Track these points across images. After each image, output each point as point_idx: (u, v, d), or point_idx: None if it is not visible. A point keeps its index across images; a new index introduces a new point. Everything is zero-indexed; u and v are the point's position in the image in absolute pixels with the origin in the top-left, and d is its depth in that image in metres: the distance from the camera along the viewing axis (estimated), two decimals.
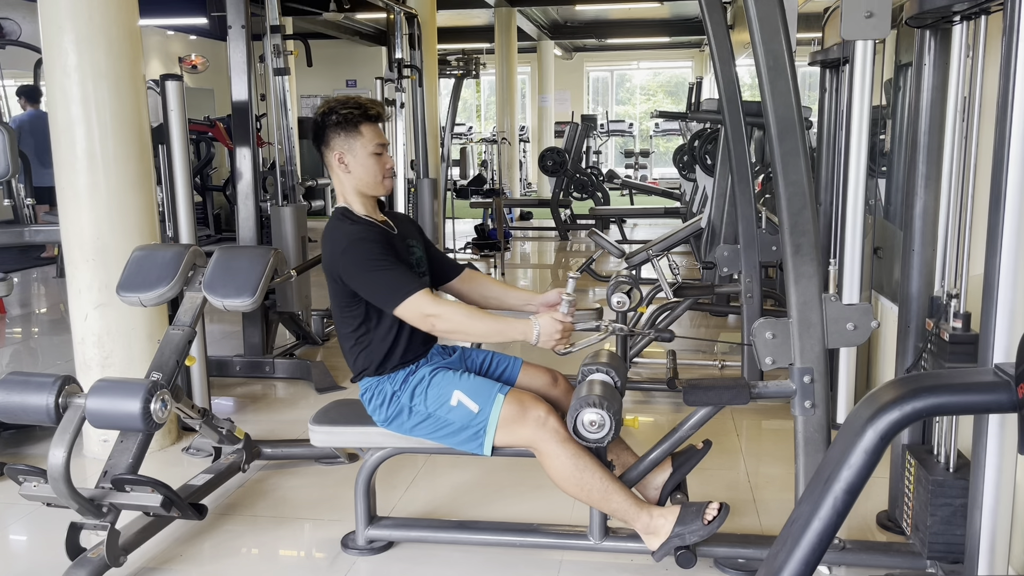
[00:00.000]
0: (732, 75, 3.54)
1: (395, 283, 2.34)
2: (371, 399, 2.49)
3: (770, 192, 6.08)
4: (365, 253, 2.36)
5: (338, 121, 2.47)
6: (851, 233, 2.93)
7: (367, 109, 2.49)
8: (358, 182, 2.50)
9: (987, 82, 2.16)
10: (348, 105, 2.48)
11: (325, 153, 2.52)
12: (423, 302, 2.32)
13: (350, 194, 2.53)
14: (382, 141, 2.52)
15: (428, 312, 2.32)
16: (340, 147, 2.48)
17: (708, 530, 2.31)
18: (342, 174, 2.51)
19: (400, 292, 2.33)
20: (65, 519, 2.47)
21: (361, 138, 2.47)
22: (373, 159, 2.49)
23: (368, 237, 2.40)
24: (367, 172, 2.49)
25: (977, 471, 1.88)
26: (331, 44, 13.99)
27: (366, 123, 2.48)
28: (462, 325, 2.35)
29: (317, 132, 2.51)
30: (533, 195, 15.02)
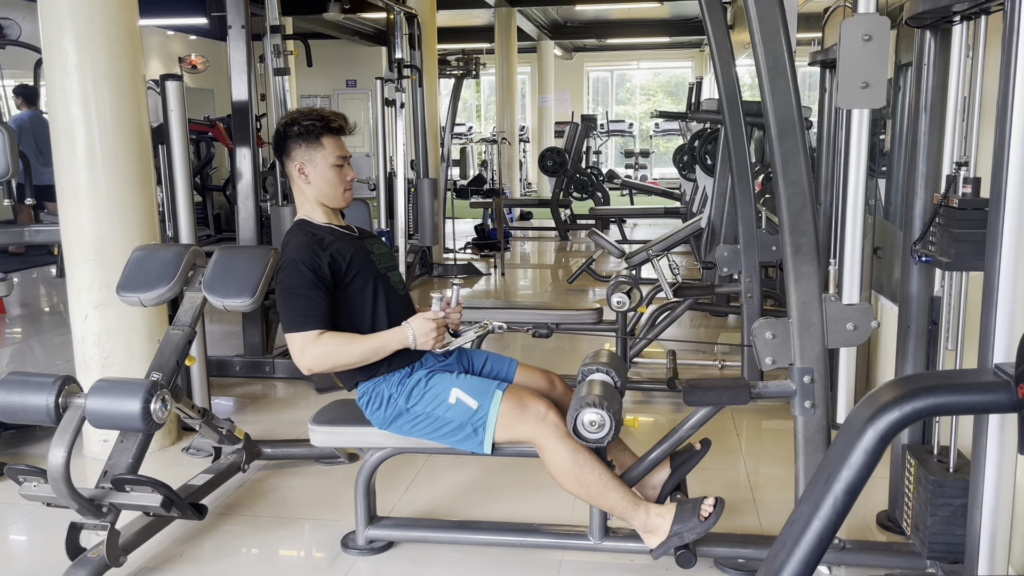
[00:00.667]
0: (732, 75, 3.54)
1: (298, 312, 2.37)
2: (368, 403, 2.49)
3: (770, 192, 6.08)
4: (291, 276, 2.40)
5: (300, 132, 2.49)
6: (851, 233, 2.93)
7: (329, 121, 2.51)
8: (318, 193, 2.53)
9: (987, 82, 2.16)
10: (311, 117, 2.51)
11: (286, 163, 2.54)
12: (307, 338, 2.35)
13: (311, 204, 2.56)
14: (343, 153, 2.54)
15: (305, 346, 2.35)
16: (300, 158, 2.50)
17: (705, 526, 2.31)
18: (302, 184, 2.53)
19: (296, 322, 2.36)
20: (65, 519, 2.47)
21: (322, 150, 2.50)
22: (334, 171, 2.52)
23: (303, 260, 2.40)
24: (327, 184, 2.52)
25: (977, 471, 1.88)
26: (331, 44, 14.00)
27: (328, 135, 2.51)
28: (337, 352, 2.37)
29: (278, 142, 2.54)
30: (533, 195, 15.03)
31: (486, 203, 9.66)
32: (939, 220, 2.29)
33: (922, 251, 2.38)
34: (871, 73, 1.97)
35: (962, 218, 2.16)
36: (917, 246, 2.41)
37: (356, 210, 4.91)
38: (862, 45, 1.97)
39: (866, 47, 1.97)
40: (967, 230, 2.14)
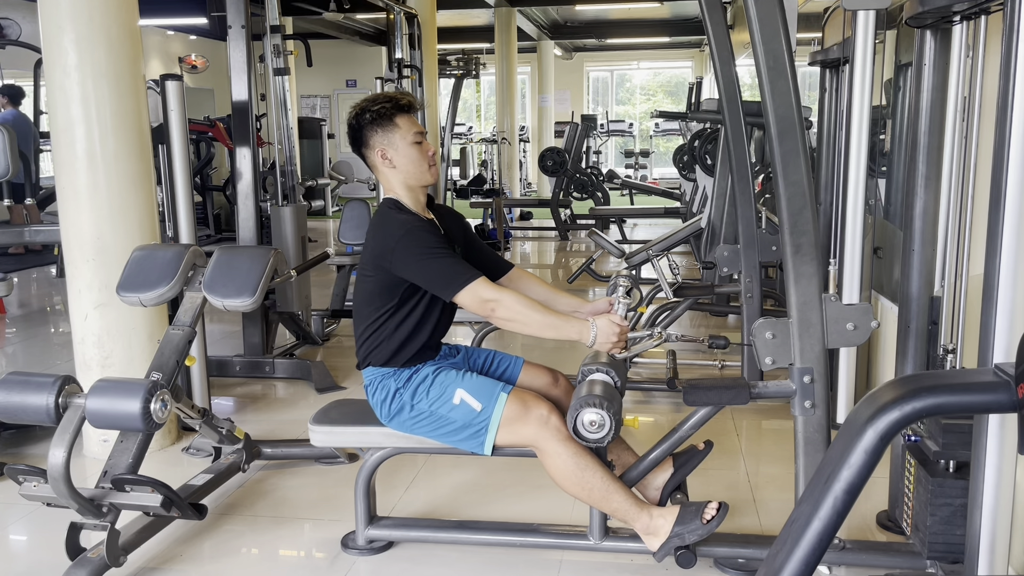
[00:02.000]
0: (732, 75, 3.54)
1: (454, 270, 2.34)
2: (374, 392, 2.49)
3: (770, 192, 6.08)
4: (422, 240, 2.36)
5: (373, 119, 2.45)
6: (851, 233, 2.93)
7: (398, 100, 2.48)
8: (405, 175, 2.49)
9: (987, 82, 2.16)
10: (379, 101, 2.47)
11: (367, 154, 2.50)
12: (483, 288, 2.32)
13: (398, 189, 2.51)
14: (420, 130, 2.51)
15: (487, 298, 2.31)
16: (380, 144, 2.47)
17: (707, 529, 2.31)
18: (387, 170, 2.49)
19: (460, 279, 2.33)
20: (65, 519, 2.47)
21: (399, 130, 2.46)
22: (415, 148, 2.47)
23: (423, 227, 2.40)
24: (411, 163, 2.47)
25: (977, 471, 1.88)
26: (331, 44, 14.00)
27: (400, 115, 2.47)
28: (520, 314, 2.32)
29: (355, 135, 2.50)
30: (533, 195, 15.02)
31: (486, 203, 9.66)
32: None
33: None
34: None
35: None
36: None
37: (356, 210, 4.93)
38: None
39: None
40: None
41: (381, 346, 2.46)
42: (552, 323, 2.34)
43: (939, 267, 2.47)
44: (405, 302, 2.45)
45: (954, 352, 2.37)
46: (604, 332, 2.33)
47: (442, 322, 2.54)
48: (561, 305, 2.61)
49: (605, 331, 2.33)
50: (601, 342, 2.34)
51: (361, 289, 2.51)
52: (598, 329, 2.33)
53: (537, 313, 2.33)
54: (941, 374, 1.95)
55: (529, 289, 2.64)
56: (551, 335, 2.36)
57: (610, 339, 2.34)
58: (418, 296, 2.46)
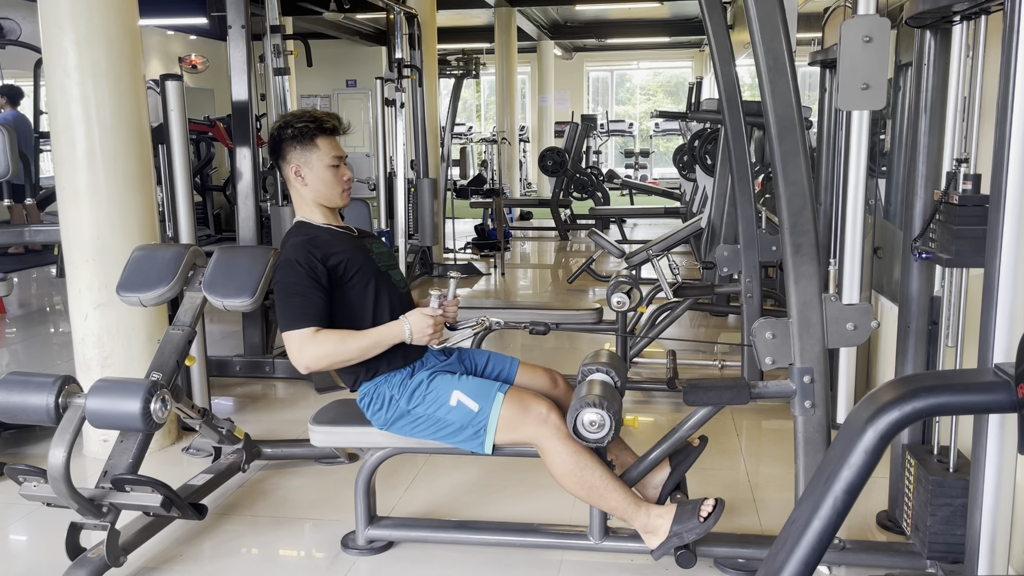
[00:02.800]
0: (732, 75, 3.54)
1: (294, 310, 2.36)
2: (369, 404, 2.49)
3: (770, 192, 6.08)
4: (286, 275, 2.40)
5: (294, 135, 2.49)
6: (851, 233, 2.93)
7: (322, 122, 2.51)
8: (316, 194, 2.53)
9: (987, 82, 2.16)
10: (304, 119, 2.50)
11: (282, 167, 2.54)
12: (304, 335, 2.34)
13: (309, 206, 2.56)
14: (339, 153, 2.54)
15: (302, 344, 2.34)
16: (296, 160, 2.50)
17: (704, 527, 2.31)
18: (300, 187, 2.54)
19: (292, 320, 2.36)
20: (65, 519, 2.47)
21: (317, 151, 2.50)
22: (330, 171, 2.52)
23: (297, 259, 2.39)
24: (324, 184, 2.52)
25: (977, 471, 1.88)
26: (331, 44, 14.00)
27: (322, 136, 2.50)
28: (335, 348, 2.36)
29: (273, 146, 2.54)
30: (533, 195, 15.03)
31: (486, 203, 9.65)
32: (939, 217, 2.29)
33: (922, 248, 2.38)
34: (871, 74, 1.97)
35: (962, 215, 2.16)
36: (917, 242, 2.41)
37: (356, 210, 4.92)
38: (862, 46, 1.97)
39: (866, 48, 1.97)
40: (967, 227, 2.14)
41: (364, 364, 2.47)
42: (369, 340, 2.39)
43: (939, 267, 2.47)
44: (356, 316, 2.46)
45: (954, 352, 2.38)
46: (417, 325, 2.39)
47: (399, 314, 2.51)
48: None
49: (418, 324, 2.39)
50: (417, 335, 2.39)
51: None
52: (411, 324, 2.39)
53: (351, 341, 2.38)
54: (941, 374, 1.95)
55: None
56: (376, 350, 2.41)
57: (425, 331, 2.39)
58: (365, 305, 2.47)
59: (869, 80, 1.97)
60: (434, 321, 2.40)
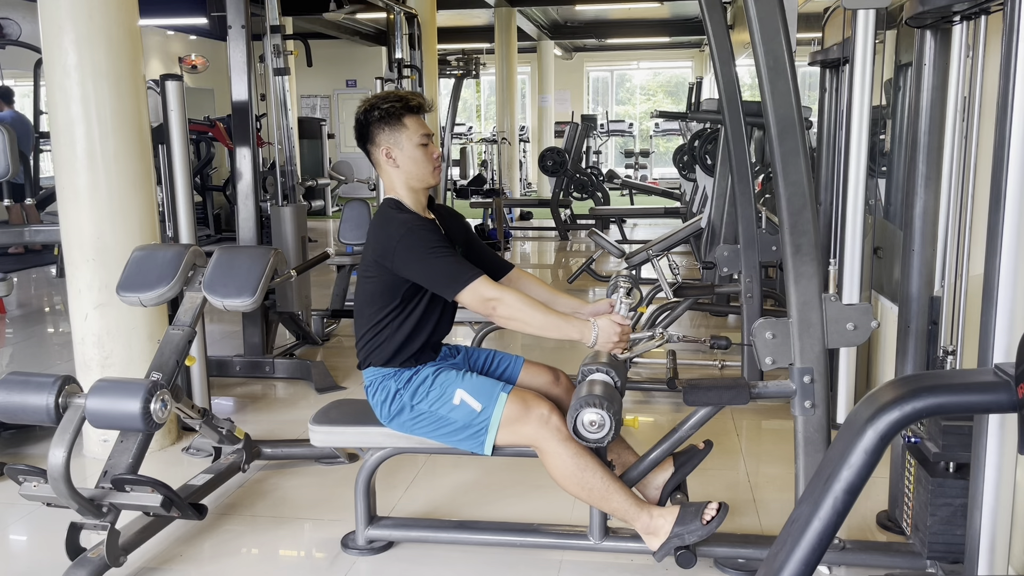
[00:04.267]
0: (732, 75, 3.54)
1: (456, 269, 2.34)
2: (375, 393, 2.49)
3: (770, 192, 6.08)
4: (424, 240, 2.36)
5: (381, 116, 2.45)
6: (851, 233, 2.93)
7: (408, 101, 2.48)
8: (408, 176, 2.49)
9: (987, 82, 2.16)
10: (389, 99, 2.47)
11: (371, 151, 2.50)
12: (484, 287, 2.32)
13: (400, 188, 2.51)
14: (427, 131, 2.50)
15: (489, 296, 2.31)
16: (386, 142, 2.47)
17: (707, 530, 2.31)
18: (391, 169, 2.49)
19: (462, 278, 2.33)
20: (65, 519, 2.47)
21: (406, 131, 2.46)
22: (420, 150, 2.47)
23: (424, 226, 2.41)
24: (416, 164, 2.47)
25: (977, 471, 1.88)
26: (331, 44, 14.00)
27: (409, 115, 2.47)
28: (522, 313, 2.32)
29: (361, 131, 2.50)
30: (533, 195, 15.02)
31: (486, 203, 9.66)
32: None
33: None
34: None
35: None
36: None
37: (355, 210, 4.93)
38: None
39: None
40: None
41: (382, 346, 2.46)
42: (554, 323, 2.34)
43: (939, 267, 2.47)
44: (407, 302, 2.45)
45: (954, 352, 2.37)
46: (606, 332, 2.33)
47: (443, 322, 2.54)
48: (561, 305, 2.60)
49: (607, 331, 2.33)
50: (603, 342, 2.34)
51: (363, 289, 2.51)
52: (599, 329, 2.33)
53: (539, 312, 2.33)
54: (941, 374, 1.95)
55: (529, 289, 2.63)
56: (553, 335, 2.36)
57: (612, 339, 2.33)
58: (420, 296, 2.46)
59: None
60: (623, 330, 2.35)
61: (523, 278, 2.71)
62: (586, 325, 2.34)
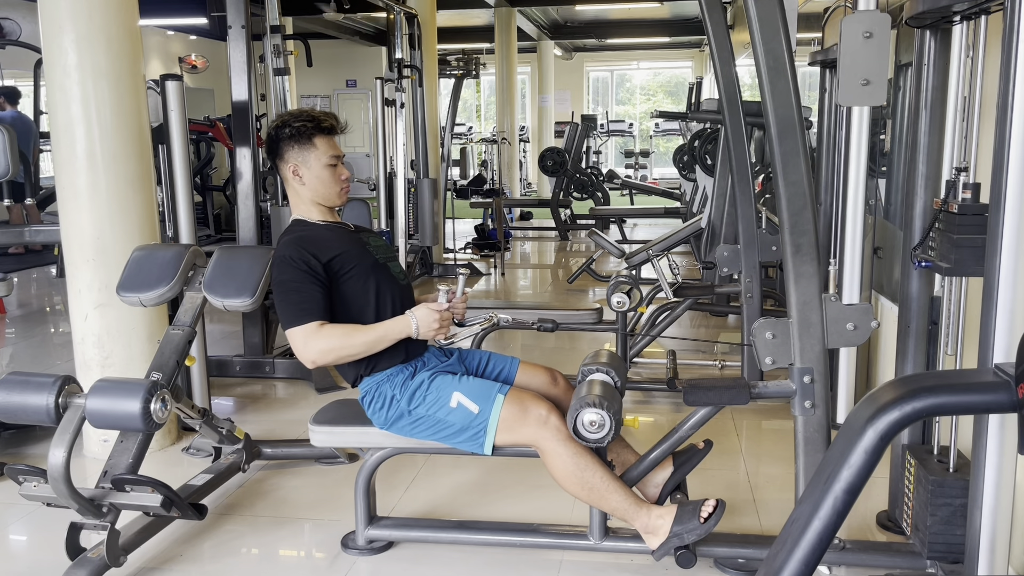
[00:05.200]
0: (732, 75, 3.54)
1: (294, 307, 2.37)
2: (371, 402, 2.49)
3: (770, 192, 6.08)
4: (282, 272, 2.41)
5: (291, 134, 2.50)
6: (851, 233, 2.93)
7: (320, 122, 2.52)
8: (314, 193, 2.54)
9: (987, 82, 2.16)
10: (301, 118, 2.51)
11: (280, 166, 2.55)
12: (308, 331, 2.35)
13: (306, 204, 2.57)
14: (336, 153, 2.55)
15: (308, 339, 2.35)
16: (294, 159, 2.51)
17: (705, 528, 2.31)
18: (297, 186, 2.54)
19: (294, 317, 2.36)
20: (65, 519, 2.47)
21: (315, 151, 2.50)
22: (328, 171, 2.52)
23: (291, 256, 2.40)
24: (322, 184, 2.52)
25: (977, 471, 1.88)
26: (331, 44, 14.00)
27: (320, 135, 2.51)
28: (339, 341, 2.37)
29: (271, 145, 2.54)
30: (533, 195, 15.03)
31: (486, 203, 9.65)
32: (939, 225, 2.29)
33: (922, 256, 2.38)
34: (872, 70, 1.97)
35: (962, 224, 2.15)
36: (917, 251, 2.41)
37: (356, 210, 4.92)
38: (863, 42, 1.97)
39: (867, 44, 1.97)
40: (967, 236, 2.14)
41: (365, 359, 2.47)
42: (374, 336, 2.39)
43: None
44: (358, 310, 2.46)
45: (954, 352, 2.38)
46: (423, 320, 2.39)
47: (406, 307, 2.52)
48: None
49: (424, 319, 2.39)
50: (424, 331, 2.39)
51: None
52: (417, 319, 2.39)
53: (358, 334, 2.38)
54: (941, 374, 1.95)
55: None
56: (381, 345, 2.40)
57: (432, 326, 2.39)
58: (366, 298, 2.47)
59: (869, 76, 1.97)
60: (440, 316, 2.41)
61: None
62: (405, 319, 2.40)
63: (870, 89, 1.98)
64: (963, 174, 2.23)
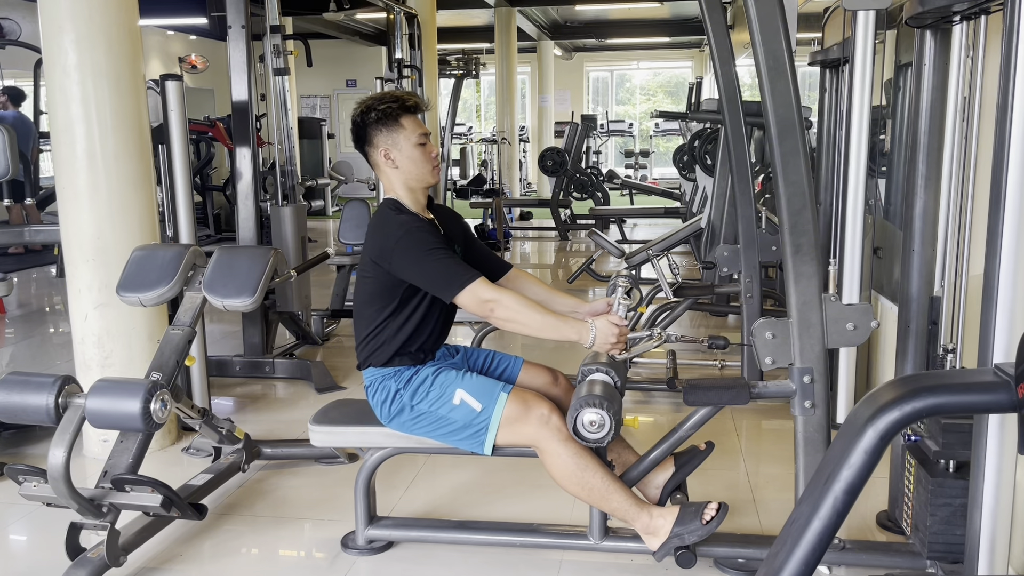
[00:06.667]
0: (732, 75, 3.54)
1: (454, 271, 2.34)
2: (375, 393, 2.49)
3: (770, 192, 6.08)
4: (422, 242, 2.36)
5: (378, 118, 2.45)
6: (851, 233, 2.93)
7: (404, 101, 2.47)
8: (407, 176, 2.49)
9: (987, 82, 2.16)
10: (385, 100, 2.47)
11: (370, 152, 2.50)
12: (482, 289, 2.32)
13: (399, 189, 2.51)
14: (424, 131, 2.50)
15: (487, 298, 2.31)
16: (384, 143, 2.46)
17: (707, 530, 2.31)
18: (389, 170, 2.49)
19: (459, 279, 2.33)
20: (65, 519, 2.47)
21: (404, 131, 2.46)
22: (419, 150, 2.47)
23: (423, 227, 2.41)
24: (414, 164, 2.47)
25: (977, 471, 1.88)
26: (331, 44, 14.00)
27: (406, 115, 2.47)
28: (520, 314, 2.32)
29: (359, 133, 2.49)
30: (533, 195, 15.02)
31: (486, 203, 9.66)
32: None
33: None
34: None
35: None
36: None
37: (356, 210, 4.93)
38: None
39: None
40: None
41: (382, 347, 2.46)
42: (551, 324, 2.34)
43: (939, 267, 2.47)
44: (406, 303, 2.45)
45: (954, 352, 2.37)
46: (603, 333, 2.33)
47: (442, 323, 2.54)
48: (559, 305, 2.60)
49: (604, 332, 2.33)
50: (600, 343, 2.33)
51: (361, 290, 2.51)
52: (597, 330, 2.33)
53: (536, 313, 2.33)
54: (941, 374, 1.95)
55: (527, 289, 2.63)
56: (550, 335, 2.35)
57: (609, 340, 2.33)
58: (419, 297, 2.46)
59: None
60: (620, 331, 2.34)
61: (521, 278, 2.71)
62: (584, 326, 2.34)
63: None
64: None
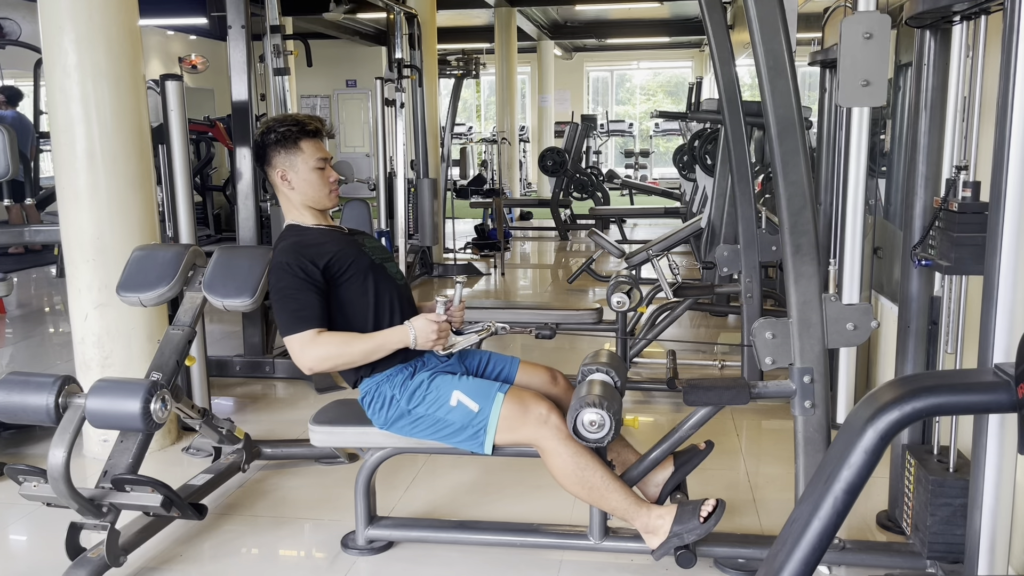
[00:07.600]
0: (732, 75, 3.54)
1: (291, 315, 2.37)
2: (371, 403, 2.49)
3: (770, 192, 6.08)
4: (279, 279, 2.41)
5: (277, 139, 2.50)
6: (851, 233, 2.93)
7: (305, 125, 2.53)
8: (304, 197, 2.55)
9: (987, 82, 2.16)
10: (286, 123, 2.52)
11: (268, 172, 2.55)
12: (305, 339, 2.35)
13: (298, 209, 2.58)
14: (323, 155, 2.55)
15: (304, 347, 2.35)
16: (282, 165, 2.52)
17: (705, 528, 2.31)
18: (287, 191, 2.55)
19: (291, 324, 2.36)
20: (65, 519, 2.47)
21: (302, 154, 2.51)
22: (316, 174, 2.53)
23: (288, 262, 2.41)
24: (311, 187, 2.53)
25: (977, 471, 1.88)
26: (331, 44, 14.00)
27: (306, 139, 2.52)
28: (337, 351, 2.37)
29: (258, 152, 2.55)
30: (533, 195, 15.02)
31: (486, 203, 9.65)
32: (939, 224, 2.29)
33: (922, 255, 2.38)
34: (872, 71, 1.97)
35: (962, 222, 2.15)
36: (917, 249, 2.41)
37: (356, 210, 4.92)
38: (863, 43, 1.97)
39: (867, 45, 1.97)
40: (967, 234, 2.14)
41: None
42: (372, 344, 2.39)
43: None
44: (357, 313, 2.47)
45: (954, 352, 2.38)
46: (422, 331, 2.39)
47: (405, 307, 2.54)
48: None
49: (423, 330, 2.39)
50: (421, 341, 2.39)
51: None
52: (415, 329, 2.39)
53: (355, 343, 2.39)
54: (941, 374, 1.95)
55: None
56: (378, 355, 2.41)
57: (429, 336, 2.39)
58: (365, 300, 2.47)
59: (869, 77, 1.98)
60: (439, 327, 2.40)
61: None
62: (403, 329, 2.40)
63: (870, 90, 1.98)
64: (963, 173, 2.23)
